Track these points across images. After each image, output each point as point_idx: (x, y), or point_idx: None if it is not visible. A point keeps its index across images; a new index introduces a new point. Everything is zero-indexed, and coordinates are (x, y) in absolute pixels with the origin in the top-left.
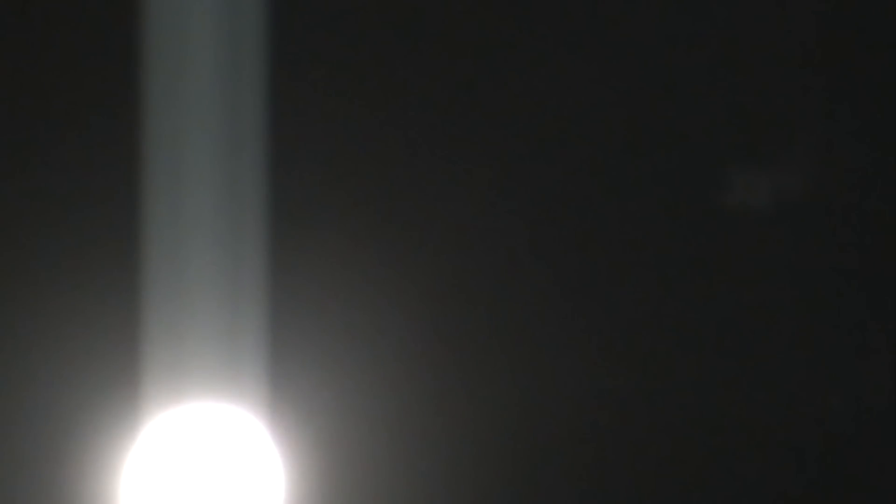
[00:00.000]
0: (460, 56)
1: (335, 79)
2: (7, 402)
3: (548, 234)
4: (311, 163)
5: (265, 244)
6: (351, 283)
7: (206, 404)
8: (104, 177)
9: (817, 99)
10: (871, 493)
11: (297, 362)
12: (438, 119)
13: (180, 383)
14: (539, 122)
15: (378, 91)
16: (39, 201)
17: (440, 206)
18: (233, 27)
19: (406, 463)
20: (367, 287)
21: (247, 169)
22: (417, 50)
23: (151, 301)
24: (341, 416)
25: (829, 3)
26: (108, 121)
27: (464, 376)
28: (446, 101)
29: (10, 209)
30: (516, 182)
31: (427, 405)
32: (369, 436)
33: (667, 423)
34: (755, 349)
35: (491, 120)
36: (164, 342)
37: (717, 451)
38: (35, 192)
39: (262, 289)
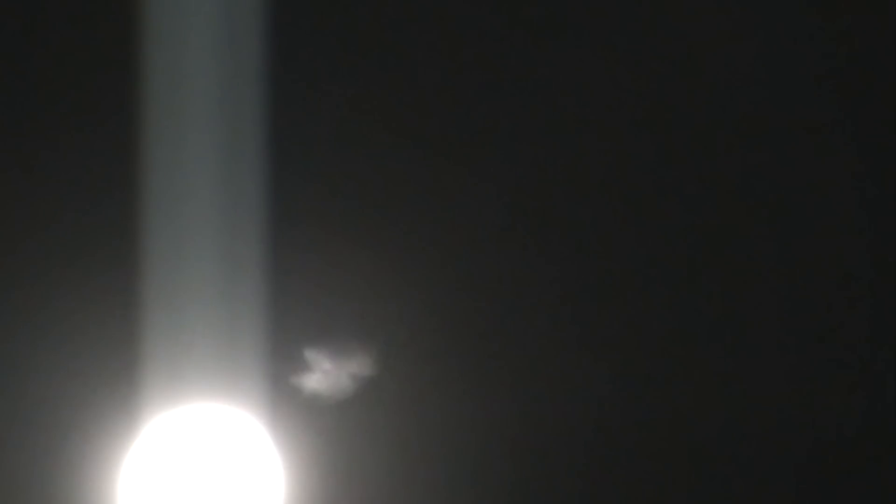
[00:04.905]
0: (463, 57)
1: (336, 79)
2: (5, 403)
3: (553, 235)
4: (312, 163)
5: (265, 244)
6: (351, 284)
7: (206, 405)
8: (103, 177)
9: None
10: (871, 496)
11: (297, 362)
12: (441, 119)
13: (179, 384)
14: (550, 126)
15: (379, 91)
16: (38, 201)
17: (442, 207)
18: (233, 27)
19: (406, 464)
20: (368, 287)
21: (247, 169)
22: (419, 50)
23: (150, 302)
24: (341, 417)
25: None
26: (108, 121)
27: (466, 377)
28: (449, 102)
29: (8, 209)
30: (520, 184)
31: (428, 406)
32: (369, 437)
33: (670, 430)
34: (757, 357)
35: (496, 121)
36: (163, 343)
37: (719, 458)
38: (33, 192)
39: (262, 289)
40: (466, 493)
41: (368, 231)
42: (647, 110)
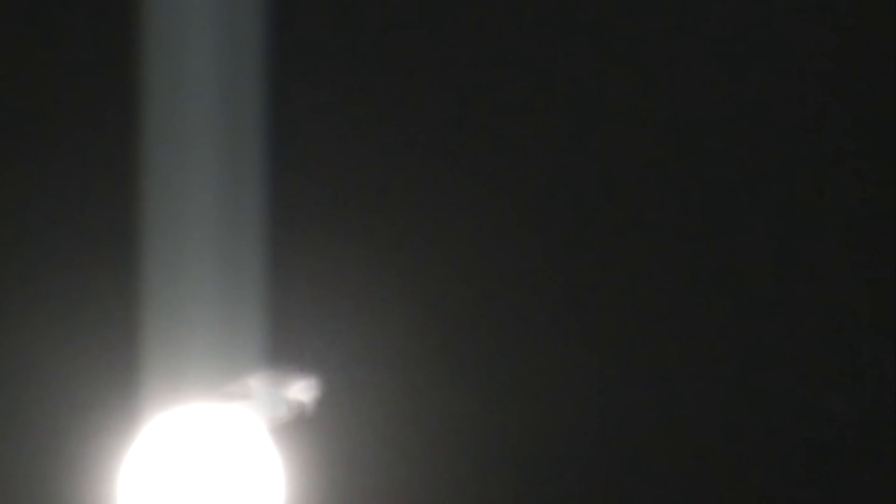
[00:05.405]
0: (464, 57)
1: (336, 79)
2: (5, 403)
3: (553, 235)
4: (312, 163)
5: (265, 244)
6: (351, 284)
7: (206, 405)
8: (103, 177)
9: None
10: (872, 496)
11: (297, 363)
12: (442, 120)
13: (179, 384)
14: (549, 125)
15: (379, 91)
16: (38, 201)
17: (443, 208)
18: (233, 27)
19: (407, 464)
20: (368, 288)
21: (247, 169)
22: (420, 50)
23: (150, 301)
24: (342, 417)
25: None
26: (108, 121)
27: (467, 379)
28: (450, 102)
29: (8, 209)
30: (520, 184)
31: (428, 407)
32: (370, 437)
33: (671, 430)
34: (760, 358)
35: (497, 122)
36: (163, 343)
37: (723, 457)
38: (34, 192)
39: (262, 289)
40: (466, 493)
41: (368, 231)
42: (647, 110)
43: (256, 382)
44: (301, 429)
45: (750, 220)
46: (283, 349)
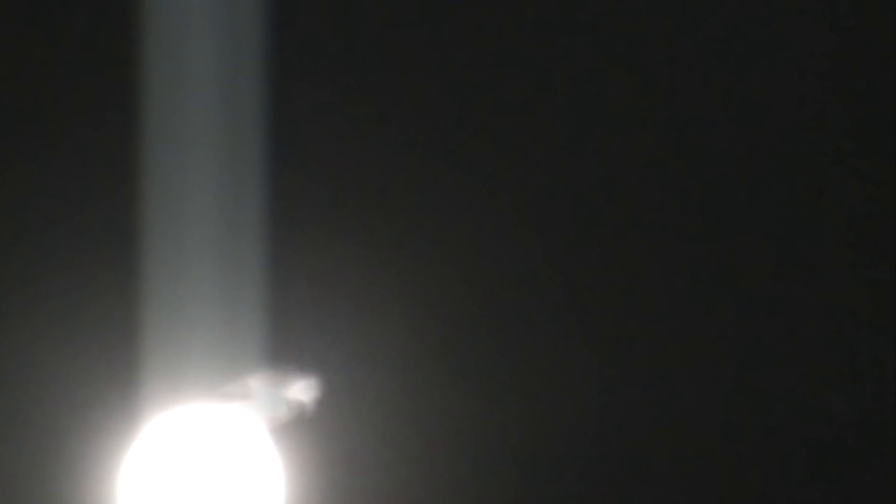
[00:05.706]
0: (464, 56)
1: (336, 79)
2: (5, 403)
3: (554, 236)
4: (312, 163)
5: (265, 244)
6: (352, 284)
7: (206, 405)
8: (103, 177)
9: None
10: (872, 496)
11: (297, 363)
12: (442, 120)
13: (179, 384)
14: (549, 125)
15: (379, 91)
16: (38, 201)
17: (443, 208)
18: (233, 27)
19: (407, 464)
20: (368, 288)
21: (247, 169)
22: (420, 50)
23: (150, 301)
24: (342, 417)
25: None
26: (108, 121)
27: (467, 379)
28: (450, 102)
29: (8, 208)
30: (520, 184)
31: (428, 407)
32: (370, 437)
33: (671, 430)
34: (760, 358)
35: (498, 123)
36: (164, 343)
37: (723, 457)
38: (34, 192)
39: (262, 289)
40: (466, 493)
41: (368, 231)
42: (647, 110)
43: (256, 382)
44: (301, 429)
45: (750, 220)
46: (283, 349)
